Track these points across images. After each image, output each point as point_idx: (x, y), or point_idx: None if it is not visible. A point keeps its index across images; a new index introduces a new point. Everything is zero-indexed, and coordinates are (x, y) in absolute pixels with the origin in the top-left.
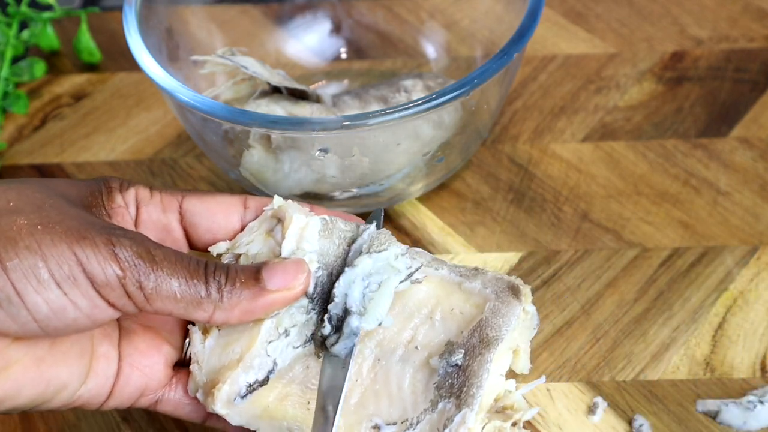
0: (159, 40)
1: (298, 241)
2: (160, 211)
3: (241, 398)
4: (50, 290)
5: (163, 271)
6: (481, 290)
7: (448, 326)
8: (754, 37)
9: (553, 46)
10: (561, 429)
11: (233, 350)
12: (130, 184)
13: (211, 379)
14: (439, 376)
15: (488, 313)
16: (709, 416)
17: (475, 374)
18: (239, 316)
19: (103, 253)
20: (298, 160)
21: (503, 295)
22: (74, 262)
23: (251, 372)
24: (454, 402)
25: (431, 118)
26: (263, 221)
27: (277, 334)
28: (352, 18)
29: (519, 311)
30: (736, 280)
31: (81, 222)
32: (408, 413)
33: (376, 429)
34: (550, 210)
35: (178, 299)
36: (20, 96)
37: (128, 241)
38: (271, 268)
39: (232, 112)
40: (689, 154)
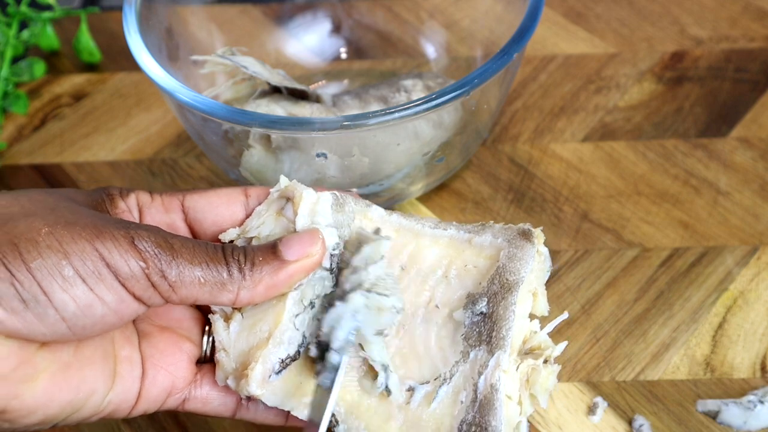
0: (159, 40)
1: (311, 216)
2: (162, 212)
3: (276, 374)
4: (76, 286)
5: (184, 258)
6: (492, 241)
7: (465, 282)
8: (754, 37)
9: (553, 46)
10: (561, 429)
11: (261, 329)
12: (129, 191)
13: (241, 362)
14: (466, 327)
15: (504, 260)
16: (709, 416)
17: (502, 318)
18: (264, 293)
19: (124, 246)
20: (298, 160)
21: (516, 240)
22: (97, 257)
23: (282, 347)
24: (485, 348)
25: (431, 118)
26: (271, 203)
27: (303, 306)
28: (352, 18)
29: (534, 253)
30: (736, 280)
31: (97, 219)
32: (440, 369)
33: (410, 391)
34: (550, 210)
35: (202, 283)
36: (20, 96)
37: (146, 232)
38: (287, 240)
39: (232, 112)
40: (689, 154)
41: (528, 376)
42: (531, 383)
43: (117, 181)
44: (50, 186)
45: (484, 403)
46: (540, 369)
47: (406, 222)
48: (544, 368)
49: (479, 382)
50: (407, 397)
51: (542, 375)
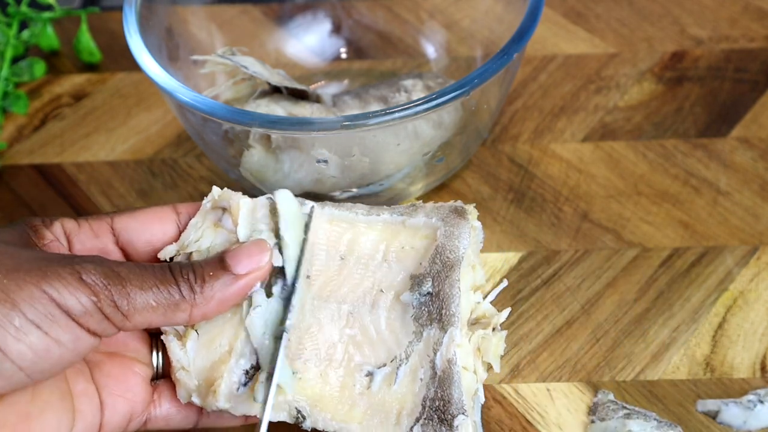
0: (159, 40)
1: (252, 223)
2: (92, 237)
3: (243, 386)
4: (30, 334)
5: (134, 284)
6: (426, 222)
7: (405, 263)
8: (754, 37)
9: (553, 46)
10: (561, 429)
11: (220, 344)
12: (53, 220)
13: (204, 378)
14: (414, 308)
15: (442, 239)
16: (709, 416)
17: (449, 295)
18: (217, 308)
19: (73, 284)
20: (298, 160)
21: (450, 218)
22: (47, 299)
23: (244, 359)
24: (437, 326)
25: (431, 118)
26: (205, 215)
27: None
28: (352, 18)
29: (469, 229)
30: (736, 280)
31: (38, 260)
32: (394, 351)
33: (369, 376)
34: (550, 210)
35: (155, 307)
36: (20, 96)
37: (91, 265)
38: (235, 254)
39: (232, 112)
40: (689, 154)
41: (479, 345)
42: (483, 351)
43: (117, 181)
44: (50, 186)
45: (444, 378)
46: (490, 337)
47: (338, 212)
48: (493, 336)
49: (436, 359)
50: (367, 383)
51: (492, 343)
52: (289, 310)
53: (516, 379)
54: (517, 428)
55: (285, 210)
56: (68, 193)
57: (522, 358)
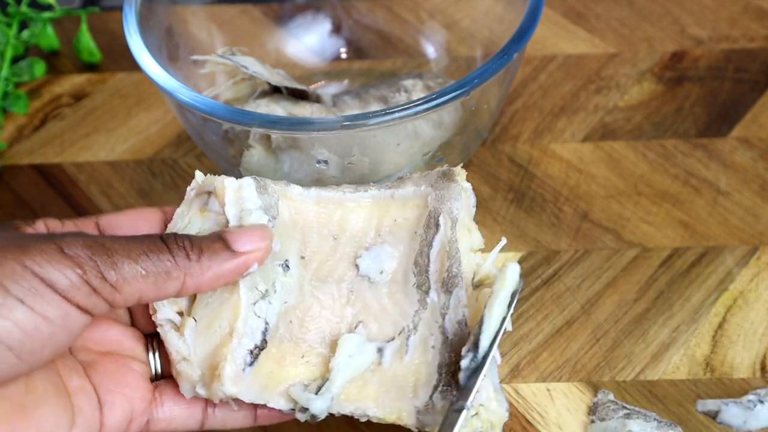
0: (159, 40)
1: (239, 203)
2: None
3: (249, 366)
4: (15, 310)
5: (120, 254)
6: (415, 190)
7: (399, 235)
8: (754, 37)
9: (553, 46)
10: (561, 429)
11: (220, 326)
12: (36, 219)
13: (208, 365)
14: (416, 276)
15: (434, 203)
16: (709, 416)
17: (450, 257)
18: (211, 281)
19: (55, 257)
20: (298, 160)
21: (439, 183)
22: (29, 274)
23: (246, 339)
24: (441, 290)
25: (431, 118)
26: (190, 202)
27: (259, 293)
28: (352, 18)
29: (459, 190)
30: (736, 280)
31: (18, 238)
32: (401, 323)
33: (380, 352)
34: (550, 210)
35: (145, 276)
36: (20, 96)
37: (73, 238)
38: (235, 232)
39: (232, 112)
40: (689, 154)
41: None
42: None
43: (117, 181)
44: (50, 186)
45: (456, 341)
46: None
47: (325, 193)
48: None
49: (445, 323)
50: (377, 359)
51: None
52: (473, 384)
53: (516, 379)
54: (517, 428)
55: None
56: (68, 193)
57: (522, 358)
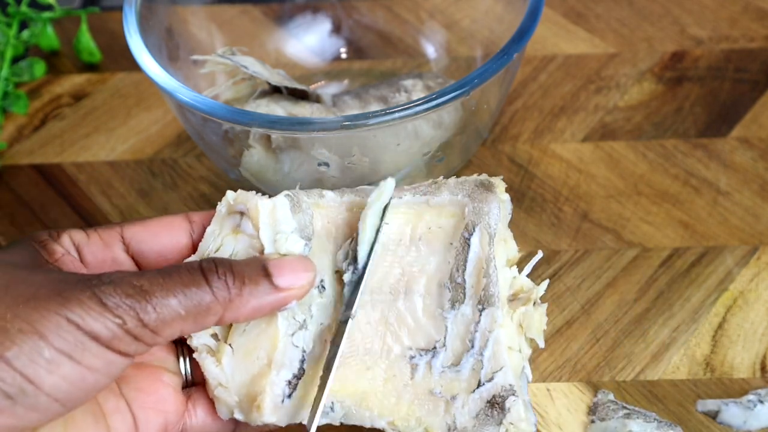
0: (159, 40)
1: (274, 226)
2: (102, 248)
3: (288, 398)
4: (63, 365)
5: (158, 296)
6: (451, 199)
7: (433, 245)
8: (754, 37)
9: (553, 46)
10: (561, 429)
11: (258, 356)
12: (60, 232)
13: (245, 394)
14: (451, 292)
15: (471, 216)
16: (709, 416)
17: (486, 275)
18: (249, 314)
19: (96, 309)
20: (298, 160)
21: (477, 194)
22: (73, 328)
23: (285, 369)
24: (477, 307)
25: (431, 118)
26: (222, 220)
27: (297, 323)
28: (352, 18)
29: (498, 203)
30: (736, 280)
31: (54, 283)
32: (434, 337)
33: (412, 366)
34: (550, 210)
35: (184, 316)
36: (20, 96)
37: (110, 286)
38: (278, 264)
39: (232, 112)
40: (689, 154)
41: (521, 322)
42: (525, 328)
43: (117, 181)
44: (50, 186)
45: (490, 362)
46: (531, 313)
47: (359, 199)
48: (534, 311)
49: (477, 341)
50: (410, 373)
51: (535, 318)
52: (355, 296)
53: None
54: None
55: None
56: (68, 193)
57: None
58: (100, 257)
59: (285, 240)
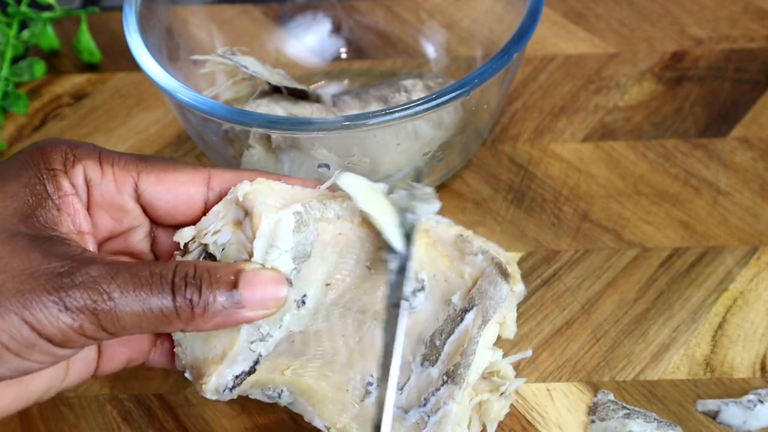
0: (159, 40)
1: (270, 240)
2: (113, 190)
3: (229, 390)
4: (9, 362)
5: (125, 307)
6: (471, 260)
7: (433, 294)
8: (754, 37)
9: (553, 46)
10: (561, 429)
11: (214, 346)
12: (76, 159)
13: (197, 367)
14: (426, 349)
15: (476, 292)
16: (709, 416)
17: (464, 354)
18: (212, 329)
19: (54, 313)
20: (298, 160)
21: (492, 274)
22: (28, 330)
23: (236, 366)
24: (444, 374)
25: (431, 118)
26: (228, 205)
27: (260, 334)
28: (352, 18)
29: (506, 292)
30: (736, 280)
31: (24, 278)
32: (398, 375)
33: (366, 389)
34: (550, 210)
35: (145, 327)
36: (20, 96)
37: (78, 291)
38: (251, 280)
39: (232, 112)
40: (689, 154)
41: (481, 404)
42: (483, 411)
43: None
44: None
45: (433, 427)
46: (493, 402)
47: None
48: (497, 401)
49: (430, 403)
50: (361, 395)
51: (494, 409)
52: (402, 280)
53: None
54: (517, 428)
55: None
56: None
57: (522, 358)
58: (108, 199)
59: (277, 257)
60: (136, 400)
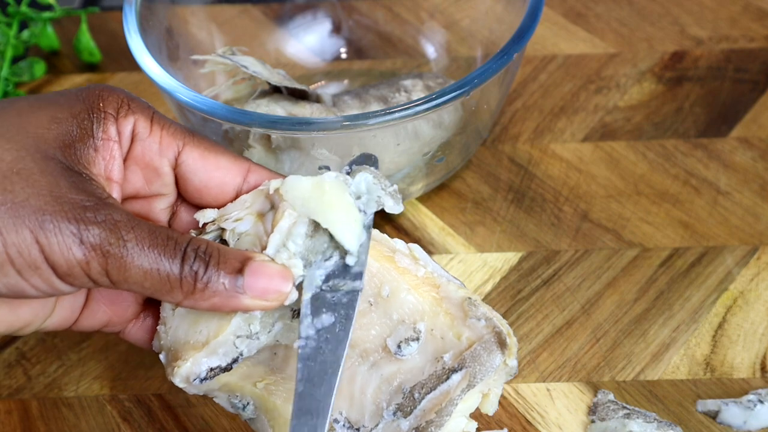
0: (159, 40)
1: (284, 238)
2: (155, 151)
3: (200, 381)
4: (8, 276)
5: (134, 259)
6: (471, 323)
7: (426, 348)
8: (754, 37)
9: (553, 46)
10: (561, 429)
11: (200, 331)
12: (129, 110)
13: (175, 350)
14: (404, 399)
15: (468, 355)
16: (709, 416)
17: (438, 413)
18: (208, 308)
19: (68, 245)
20: (298, 160)
21: (489, 342)
22: (37, 251)
23: (215, 358)
24: (412, 428)
25: (431, 118)
26: (256, 198)
27: (249, 331)
28: (352, 18)
29: (499, 363)
30: (736, 280)
31: (50, 199)
32: (364, 420)
33: (335, 423)
34: (550, 210)
35: (146, 287)
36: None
37: (97, 227)
38: (257, 269)
39: (232, 112)
40: (689, 154)
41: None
42: None
43: None
44: None
45: None
46: None
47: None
48: None
49: None
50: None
51: None
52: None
53: (516, 379)
54: (517, 428)
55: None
56: None
57: (522, 358)
58: (147, 159)
59: (288, 258)
60: (136, 400)
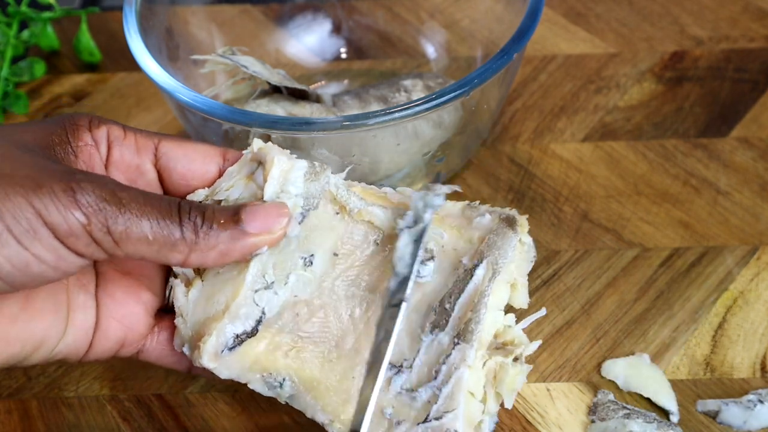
0: (159, 40)
1: (281, 184)
2: (133, 152)
3: (228, 350)
4: (9, 247)
5: (132, 212)
6: (477, 222)
7: (442, 264)
8: (754, 37)
9: (553, 46)
10: (561, 429)
11: (218, 300)
12: (101, 122)
13: (196, 332)
14: (436, 315)
15: (484, 247)
16: (709, 416)
17: (474, 310)
18: (216, 258)
19: (63, 201)
20: None
21: (499, 228)
22: (32, 213)
23: (238, 322)
24: (453, 339)
25: (431, 118)
26: (243, 165)
27: (265, 282)
28: (352, 18)
29: (515, 242)
30: (736, 280)
31: (37, 169)
32: (405, 354)
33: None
34: (550, 210)
35: (151, 241)
36: (20, 96)
37: (90, 184)
38: (252, 209)
39: (232, 112)
40: (689, 154)
41: (496, 373)
42: (498, 381)
43: None
44: None
45: (445, 400)
46: (508, 367)
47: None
48: (512, 367)
49: (441, 374)
50: None
51: (510, 374)
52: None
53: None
54: (517, 428)
55: None
56: None
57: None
58: (127, 159)
59: (287, 201)
60: (136, 400)
